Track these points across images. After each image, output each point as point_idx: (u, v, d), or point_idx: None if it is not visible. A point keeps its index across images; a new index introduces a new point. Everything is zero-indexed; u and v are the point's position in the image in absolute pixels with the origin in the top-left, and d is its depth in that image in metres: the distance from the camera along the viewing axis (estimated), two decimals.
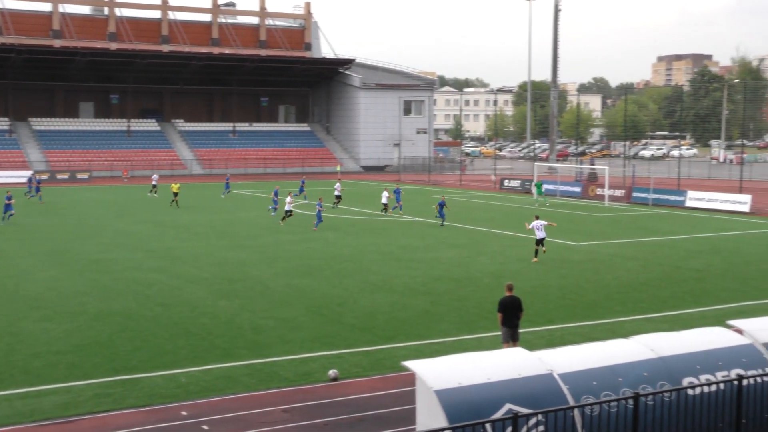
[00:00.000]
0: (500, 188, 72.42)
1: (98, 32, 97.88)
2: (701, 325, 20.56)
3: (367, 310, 24.08)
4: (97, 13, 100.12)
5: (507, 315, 18.14)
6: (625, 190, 61.20)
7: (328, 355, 19.49)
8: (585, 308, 24.50)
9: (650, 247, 37.02)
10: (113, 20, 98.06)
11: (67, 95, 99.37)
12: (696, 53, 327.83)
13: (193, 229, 42.86)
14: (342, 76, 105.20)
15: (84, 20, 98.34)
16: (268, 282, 28.31)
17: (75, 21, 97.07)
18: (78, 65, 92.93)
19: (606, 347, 13.18)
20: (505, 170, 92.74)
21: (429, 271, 30.38)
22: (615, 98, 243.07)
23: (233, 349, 19.99)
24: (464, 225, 44.95)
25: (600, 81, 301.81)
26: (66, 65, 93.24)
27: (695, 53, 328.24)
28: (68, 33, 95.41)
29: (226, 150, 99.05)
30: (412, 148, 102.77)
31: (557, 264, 32.16)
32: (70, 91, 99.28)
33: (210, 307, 24.35)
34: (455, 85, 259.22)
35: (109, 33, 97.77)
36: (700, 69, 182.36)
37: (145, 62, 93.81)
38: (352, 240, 38.91)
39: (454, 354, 13.26)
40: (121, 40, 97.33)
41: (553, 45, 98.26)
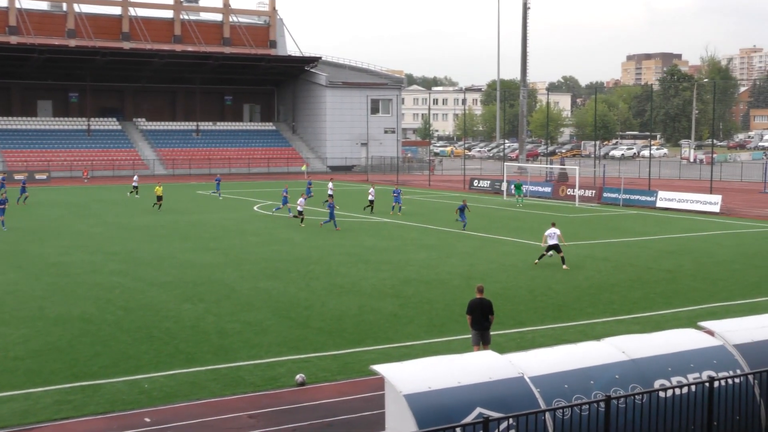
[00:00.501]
0: (470, 188, 72.65)
1: (56, 28, 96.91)
2: (673, 326, 20.79)
3: (334, 313, 24.04)
4: (56, 8, 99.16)
5: (476, 317, 18.19)
6: (596, 190, 61.65)
7: (295, 359, 19.44)
8: (556, 310, 24.64)
9: (621, 247, 37.32)
10: (72, 16, 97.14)
11: (25, 93, 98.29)
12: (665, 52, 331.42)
13: (155, 231, 42.56)
14: (308, 75, 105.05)
15: (42, 16, 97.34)
16: (234, 285, 28.18)
17: (32, 17, 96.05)
18: (35, 62, 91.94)
19: (577, 349, 13.26)
20: (475, 170, 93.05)
21: (397, 273, 30.40)
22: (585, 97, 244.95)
23: (198, 353, 19.88)
24: (433, 226, 45.04)
25: (569, 80, 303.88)
26: (23, 62, 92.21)
27: (665, 52, 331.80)
28: (25, 29, 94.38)
29: (189, 150, 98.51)
30: (379, 147, 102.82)
31: (527, 265, 32.32)
32: (28, 89, 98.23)
33: (174, 311, 24.19)
34: (423, 84, 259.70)
35: (68, 29, 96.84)
36: (670, 68, 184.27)
37: (105, 60, 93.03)
38: (320, 241, 38.84)
39: (423, 357, 13.28)
40: (80, 37, 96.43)
41: (522, 43, 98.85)
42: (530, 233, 41.48)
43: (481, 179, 74.36)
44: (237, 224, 45.79)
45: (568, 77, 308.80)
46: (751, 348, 13.74)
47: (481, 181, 73.52)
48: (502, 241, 39.43)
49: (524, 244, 37.96)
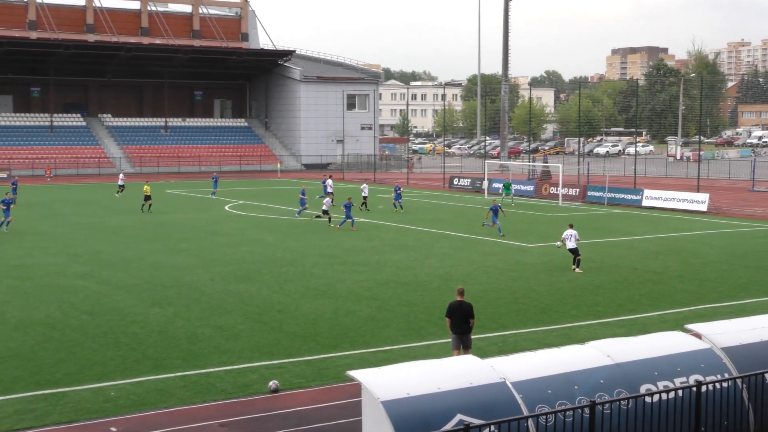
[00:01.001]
0: (449, 187, 72.80)
1: (17, 20, 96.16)
2: (659, 329, 20.91)
3: (309, 316, 24.01)
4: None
5: (456, 320, 18.21)
6: (580, 188, 61.93)
7: (268, 365, 19.40)
8: (539, 313, 24.72)
9: (606, 248, 37.50)
10: (34, 7, 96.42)
11: None
12: (651, 46, 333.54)
13: (122, 232, 42.33)
14: (281, 69, 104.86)
15: (2, 7, 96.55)
16: (204, 288, 28.08)
17: None
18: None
19: (561, 354, 13.32)
20: (455, 168, 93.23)
21: (375, 275, 30.40)
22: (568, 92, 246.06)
23: (166, 359, 19.79)
24: (412, 226, 45.08)
25: (553, 74, 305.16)
26: None
27: (650, 46, 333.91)
28: None
29: (157, 147, 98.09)
30: (356, 144, 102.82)
31: (509, 266, 32.42)
32: None
33: (141, 315, 24.07)
34: (401, 79, 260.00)
35: (29, 21, 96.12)
36: (656, 62, 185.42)
37: (68, 53, 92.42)
38: (294, 242, 38.79)
39: (401, 362, 13.28)
40: (42, 29, 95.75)
41: (503, 36, 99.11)
42: (512, 233, 41.60)
43: (461, 177, 74.50)
44: (208, 224, 45.63)
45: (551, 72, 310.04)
46: (740, 351, 13.85)
47: (461, 179, 73.66)
48: (483, 241, 39.51)
49: (506, 245, 38.06)
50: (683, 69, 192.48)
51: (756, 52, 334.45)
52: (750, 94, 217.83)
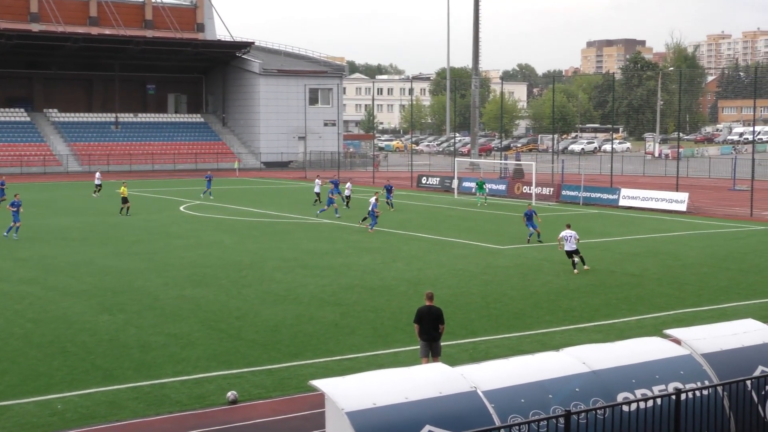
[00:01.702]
0: (417, 186, 72.90)
1: None
2: (637, 334, 21.07)
3: (269, 323, 23.95)
4: None
5: (425, 326, 18.25)
6: (554, 187, 62.27)
7: (226, 374, 19.32)
8: (511, 318, 24.83)
9: (581, 250, 37.68)
10: None
11: None
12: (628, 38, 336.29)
13: (70, 234, 41.97)
14: (239, 62, 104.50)
15: None
16: (158, 293, 27.92)
17: None
18: None
19: (535, 361, 13.36)
20: (423, 166, 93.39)
21: (339, 279, 30.39)
22: (542, 87, 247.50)
23: (117, 369, 19.65)
24: (378, 227, 45.11)
25: (525, 68, 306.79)
26: None
27: (627, 38, 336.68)
28: None
29: (107, 144, 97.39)
30: (319, 141, 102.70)
31: (480, 270, 32.52)
32: None
33: (90, 323, 23.89)
34: (366, 72, 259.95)
35: None
36: (633, 55, 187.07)
37: (11, 43, 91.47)
38: (253, 245, 38.67)
39: (367, 371, 13.27)
40: None
41: (474, 28, 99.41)
42: (483, 234, 41.75)
43: (429, 176, 74.64)
44: (161, 226, 45.37)
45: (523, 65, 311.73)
46: (721, 357, 13.97)
47: (429, 178, 73.80)
48: (452, 243, 39.61)
49: (477, 247, 38.18)
50: (661, 62, 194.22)
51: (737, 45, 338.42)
52: (731, 88, 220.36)
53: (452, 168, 73.15)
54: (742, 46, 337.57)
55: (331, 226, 45.84)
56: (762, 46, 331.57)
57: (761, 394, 13.70)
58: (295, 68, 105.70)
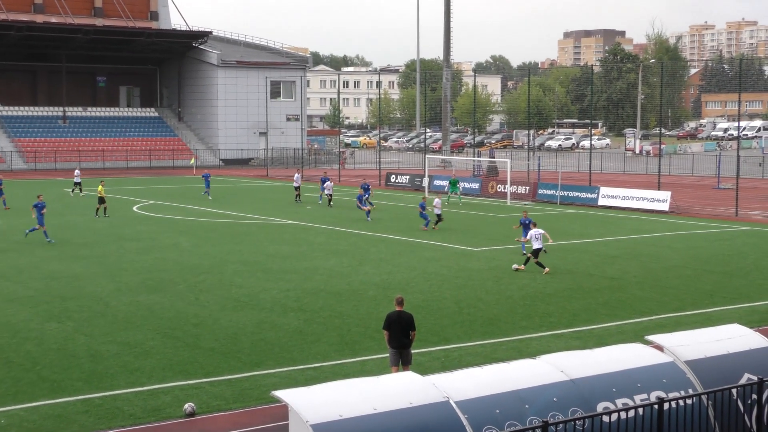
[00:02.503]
0: (386, 185, 72.95)
1: None
2: (617, 341, 21.21)
3: (229, 331, 23.88)
4: None
5: (395, 333, 18.26)
6: (530, 186, 62.55)
7: (183, 385, 19.24)
8: (485, 324, 24.89)
9: (559, 252, 37.89)
10: None
11: None
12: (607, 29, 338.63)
13: (13, 237, 41.61)
14: (196, 52, 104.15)
15: None
16: (109, 299, 27.75)
17: None
18: None
19: (510, 369, 13.41)
20: (392, 164, 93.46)
21: (303, 284, 30.35)
22: (517, 80, 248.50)
23: (66, 381, 19.51)
24: (344, 228, 45.07)
25: (499, 60, 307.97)
26: None
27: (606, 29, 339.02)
28: None
29: (54, 140, 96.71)
30: (281, 137, 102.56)
31: (453, 273, 32.58)
32: None
33: (36, 331, 23.70)
34: (332, 64, 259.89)
35: None
36: (612, 47, 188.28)
37: None
38: (211, 248, 38.53)
39: (333, 381, 13.27)
40: None
41: (445, 17, 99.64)
42: (456, 235, 41.84)
43: (399, 174, 74.72)
44: (113, 228, 45.09)
45: (497, 57, 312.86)
46: (705, 364, 14.09)
47: (399, 176, 73.89)
48: (423, 245, 39.67)
49: (450, 249, 38.25)
50: (642, 54, 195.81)
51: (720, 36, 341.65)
52: (714, 82, 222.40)
53: (423, 166, 73.26)
54: (726, 37, 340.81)
55: (295, 227, 45.77)
56: (747, 38, 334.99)
57: (747, 403, 13.83)
58: (255, 59, 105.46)
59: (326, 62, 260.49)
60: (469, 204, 58.18)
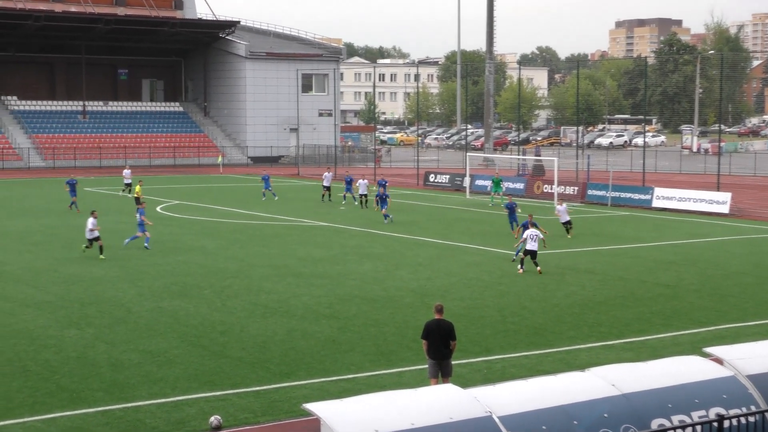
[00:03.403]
0: (424, 185, 72.90)
1: None
2: (673, 353, 21.04)
3: (257, 339, 23.96)
4: None
5: (434, 343, 18.25)
6: (579, 186, 62.28)
7: (209, 397, 19.33)
8: (530, 334, 24.83)
9: (609, 257, 37.71)
10: None
11: None
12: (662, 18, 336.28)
13: (30, 238, 41.99)
14: (223, 43, 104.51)
15: None
16: (131, 305, 27.92)
17: None
18: None
19: (557, 383, 13.36)
20: (430, 162, 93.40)
21: (336, 289, 30.39)
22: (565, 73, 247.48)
23: (85, 391, 19.66)
24: (380, 231, 45.09)
25: (546, 51, 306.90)
26: None
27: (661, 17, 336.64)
28: None
29: (74, 136, 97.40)
30: (313, 134, 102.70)
31: (495, 279, 32.51)
32: None
33: (54, 338, 23.89)
34: (367, 56, 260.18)
35: None
36: (668, 37, 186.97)
37: None
38: (239, 251, 38.67)
39: (368, 393, 13.27)
40: None
41: (488, 5, 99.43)
42: (499, 238, 41.74)
43: (438, 173, 74.64)
44: (135, 229, 45.33)
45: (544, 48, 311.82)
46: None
47: (438, 175, 73.81)
48: (464, 249, 39.61)
49: (492, 253, 38.19)
50: (700, 45, 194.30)
51: None
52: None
53: (464, 164, 73.17)
54: None
55: (328, 229, 45.85)
56: None
57: None
58: (286, 51, 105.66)
59: (361, 54, 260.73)
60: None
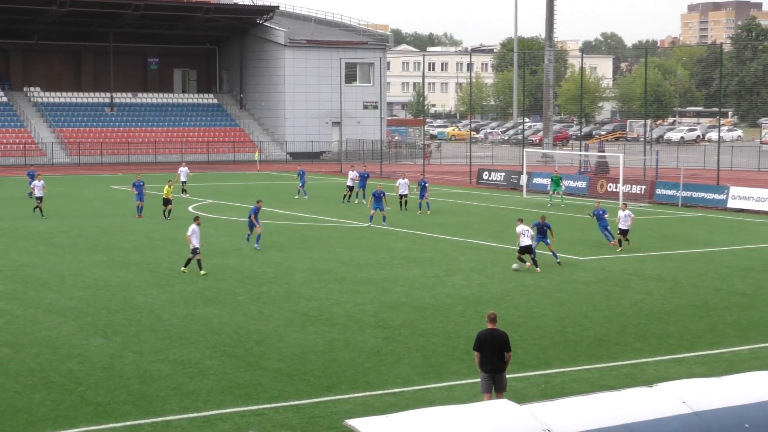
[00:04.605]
0: (478, 183, 72.72)
1: None
2: (750, 367, 20.87)
3: (296, 349, 24.02)
4: None
5: (488, 355, 18.21)
6: (646, 185, 61.89)
7: (244, 411, 19.40)
8: (593, 345, 24.72)
9: (680, 262, 37.45)
10: None
11: None
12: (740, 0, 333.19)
13: (54, 240, 42.35)
14: (260, 30, 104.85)
15: None
16: (161, 312, 28.09)
17: None
18: None
19: (622, 399, 13.30)
20: (484, 159, 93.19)
21: (381, 296, 30.41)
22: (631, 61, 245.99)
23: (112, 404, 19.80)
24: (429, 233, 45.04)
25: (611, 38, 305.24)
26: None
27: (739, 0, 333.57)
28: None
29: (100, 130, 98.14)
30: (357, 128, 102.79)
31: (555, 285, 32.38)
32: None
33: (79, 348, 24.09)
34: (416, 43, 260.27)
35: None
36: (746, 22, 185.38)
37: None
38: (276, 254, 38.78)
39: (415, 409, 13.26)
40: None
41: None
42: (558, 242, 41.51)
43: (492, 171, 74.45)
44: (165, 230, 45.63)
45: (608, 34, 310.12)
46: None
47: (492, 173, 73.63)
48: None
49: (551, 258, 38.03)
50: None
51: None
52: None
53: (520, 161, 72.94)
54: None
55: (374, 231, 45.87)
56: None
57: None
58: (328, 38, 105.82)
59: (409, 41, 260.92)
60: (573, 205, 57.70)
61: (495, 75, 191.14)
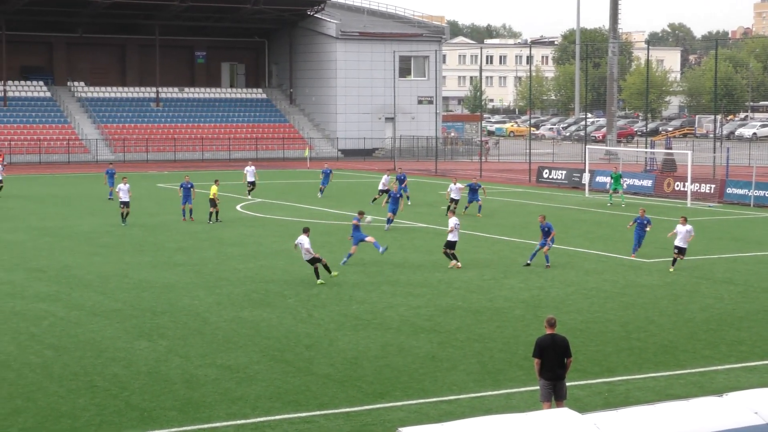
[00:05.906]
0: (537, 181, 72.48)
1: None
2: None
3: (347, 354, 24.06)
4: None
5: (548, 362, 18.15)
6: (716, 184, 61.42)
7: (293, 418, 19.46)
8: (659, 352, 24.57)
9: (752, 265, 37.12)
10: None
11: None
12: None
13: (99, 240, 42.71)
14: (311, 22, 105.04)
15: None
16: (207, 314, 28.25)
17: None
18: None
19: (690, 409, 13.22)
20: (545, 156, 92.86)
21: (436, 300, 30.39)
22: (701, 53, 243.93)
23: (157, 410, 19.94)
24: (486, 234, 44.96)
25: (679, 29, 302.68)
26: None
27: None
28: None
29: (146, 126, 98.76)
30: (411, 124, 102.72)
31: (618, 289, 32.22)
32: None
33: (124, 351, 24.28)
34: (473, 35, 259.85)
35: None
36: None
37: (25, 0, 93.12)
38: (327, 255, 38.73)
39: (472, 417, 13.25)
40: None
41: None
42: (622, 244, 41.30)
43: (553, 168, 74.18)
44: (212, 231, 45.85)
45: (676, 25, 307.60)
46: None
47: (553, 171, 73.35)
48: (583, 255, 39.32)
49: (615, 260, 37.85)
50: None
51: None
52: None
53: (582, 158, 72.61)
54: None
55: (427, 231, 45.85)
56: None
57: None
58: (381, 30, 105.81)
59: (466, 33, 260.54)
60: (637, 205, 57.27)
61: (556, 68, 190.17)
